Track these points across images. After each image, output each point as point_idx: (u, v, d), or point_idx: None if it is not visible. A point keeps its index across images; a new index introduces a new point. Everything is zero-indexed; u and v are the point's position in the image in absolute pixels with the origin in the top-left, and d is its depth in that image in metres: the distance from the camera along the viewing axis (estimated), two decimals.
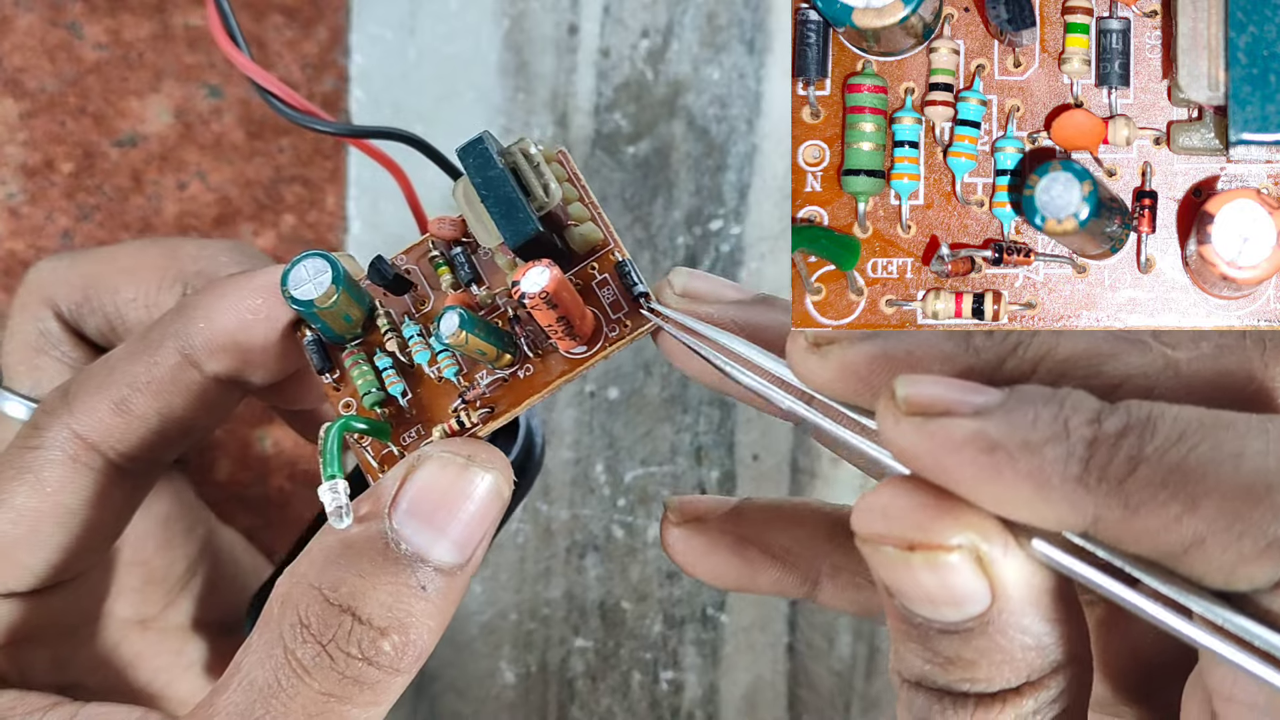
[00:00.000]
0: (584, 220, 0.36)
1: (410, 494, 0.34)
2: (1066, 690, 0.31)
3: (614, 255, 0.36)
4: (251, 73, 0.36)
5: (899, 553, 0.30)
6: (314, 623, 0.33)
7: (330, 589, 0.33)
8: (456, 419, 0.36)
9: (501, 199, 0.34)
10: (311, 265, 0.35)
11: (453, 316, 0.34)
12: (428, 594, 0.33)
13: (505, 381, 0.36)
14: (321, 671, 0.33)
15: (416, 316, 0.37)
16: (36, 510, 0.38)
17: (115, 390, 0.38)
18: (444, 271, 0.37)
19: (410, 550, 0.34)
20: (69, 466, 0.38)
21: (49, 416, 0.38)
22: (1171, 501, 0.28)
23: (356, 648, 0.33)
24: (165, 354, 0.38)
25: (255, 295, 0.37)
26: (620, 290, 0.36)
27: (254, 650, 0.34)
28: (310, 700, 0.33)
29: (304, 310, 0.35)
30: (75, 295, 0.43)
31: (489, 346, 0.35)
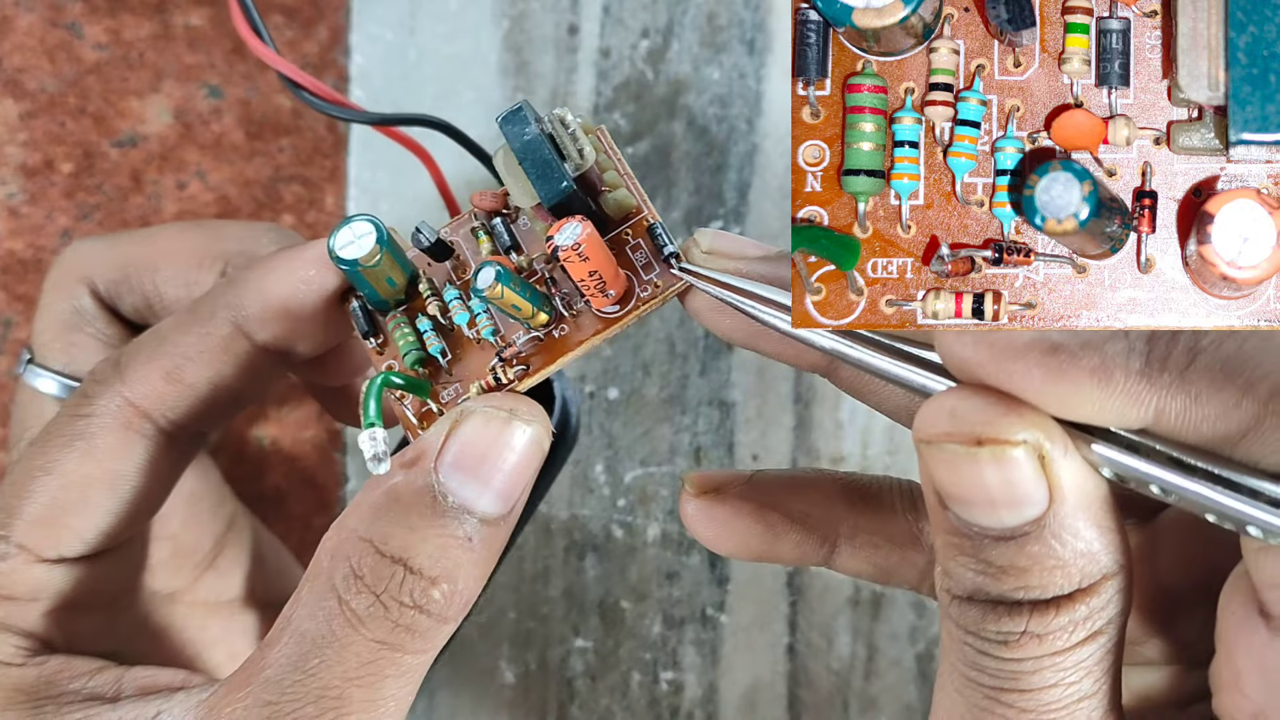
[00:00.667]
0: (618, 187, 0.37)
1: (455, 448, 0.35)
2: (1115, 599, 0.32)
3: (646, 220, 0.37)
4: (279, 65, 0.37)
5: (965, 449, 0.31)
6: (367, 574, 0.34)
7: (381, 541, 0.34)
8: (493, 375, 0.37)
9: (538, 160, 0.35)
10: (357, 227, 0.36)
11: (489, 270, 0.35)
12: (473, 544, 0.35)
13: (541, 340, 0.37)
14: (376, 621, 0.34)
15: (457, 282, 0.38)
16: (88, 476, 0.39)
17: (168, 359, 0.39)
18: (484, 241, 0.38)
19: (456, 502, 0.35)
20: (121, 433, 0.39)
21: (100, 385, 0.39)
22: (1229, 386, 0.30)
23: (409, 597, 0.34)
24: (218, 324, 0.39)
25: (307, 266, 0.38)
26: (652, 252, 0.37)
27: (304, 603, 0.35)
28: (365, 648, 0.34)
29: (349, 270, 0.36)
30: (113, 273, 0.43)
31: (524, 302, 0.36)
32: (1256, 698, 0.32)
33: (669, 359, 0.53)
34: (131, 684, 0.38)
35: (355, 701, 0.34)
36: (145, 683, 0.38)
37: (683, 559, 0.53)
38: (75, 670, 0.38)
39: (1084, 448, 0.32)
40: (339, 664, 0.34)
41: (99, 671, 0.38)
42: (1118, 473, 0.32)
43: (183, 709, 0.36)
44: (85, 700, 0.37)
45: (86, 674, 0.38)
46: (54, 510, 0.39)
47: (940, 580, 0.33)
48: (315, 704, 0.34)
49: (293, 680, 0.34)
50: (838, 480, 0.41)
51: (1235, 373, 0.30)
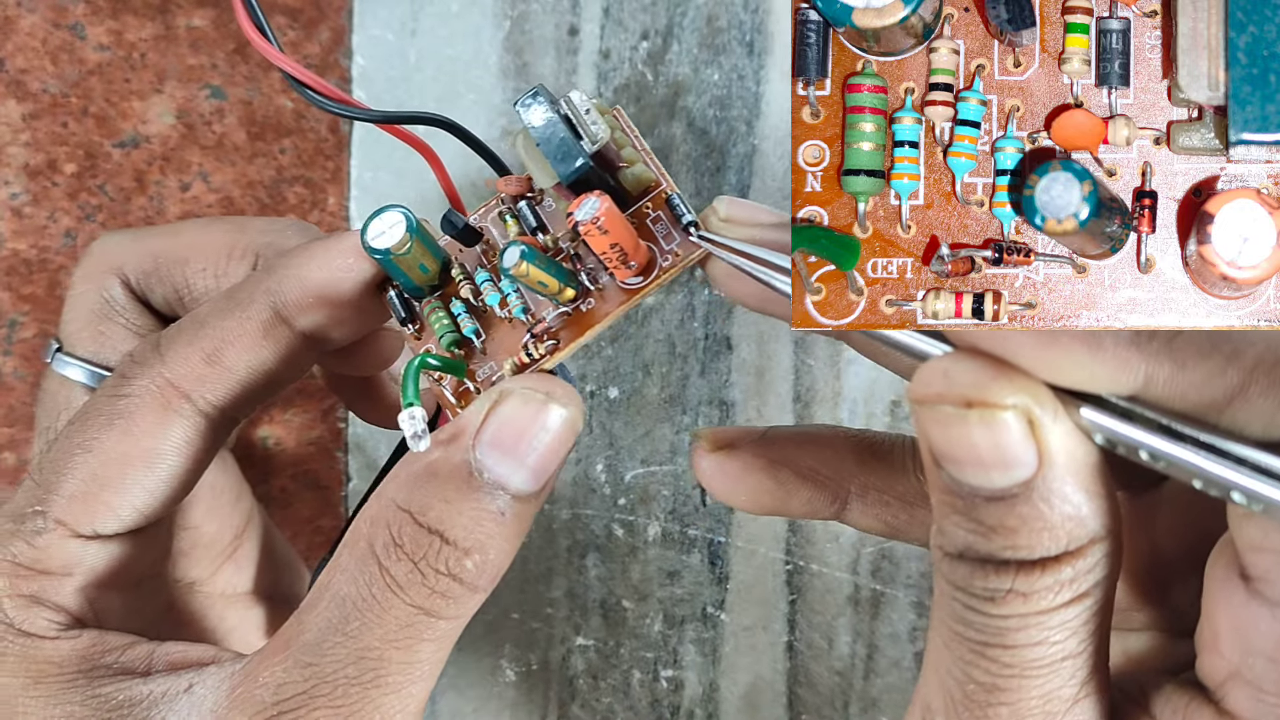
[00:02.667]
0: (635, 162, 0.38)
1: (493, 427, 0.36)
2: (1101, 563, 0.33)
3: (665, 192, 0.39)
4: (283, 64, 0.38)
5: (956, 411, 0.32)
6: (407, 542, 0.35)
7: (420, 512, 0.35)
8: (525, 351, 0.38)
9: (554, 140, 0.37)
10: (388, 217, 0.38)
11: (514, 249, 0.36)
12: (505, 519, 0.36)
13: (569, 315, 0.38)
14: (414, 587, 0.35)
15: (488, 266, 0.39)
16: (126, 454, 0.39)
17: (208, 342, 0.40)
18: (511, 224, 0.39)
19: (491, 478, 0.36)
20: (160, 413, 0.40)
21: (140, 366, 0.40)
22: (1215, 353, 0.31)
23: (444, 565, 0.35)
24: (258, 309, 0.40)
25: (345, 255, 0.39)
26: (671, 222, 0.38)
27: (344, 569, 0.36)
28: (403, 612, 0.35)
29: (382, 258, 0.38)
30: (145, 264, 0.44)
31: (550, 278, 0.37)
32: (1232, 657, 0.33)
33: (669, 359, 0.53)
34: (163, 659, 0.38)
35: (393, 663, 0.35)
36: (176, 658, 0.38)
37: (683, 558, 0.53)
38: (108, 645, 0.39)
39: (1074, 413, 0.32)
40: (379, 626, 0.35)
41: (130, 646, 0.39)
42: (1108, 438, 0.33)
43: (216, 680, 0.37)
44: (117, 674, 0.38)
45: (119, 648, 0.39)
46: (92, 487, 0.39)
47: (934, 537, 0.34)
48: (355, 665, 0.35)
49: (333, 642, 0.35)
50: (849, 437, 0.42)
51: (1221, 341, 0.31)
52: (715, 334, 0.53)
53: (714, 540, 0.53)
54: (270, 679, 0.36)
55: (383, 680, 0.35)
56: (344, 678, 0.35)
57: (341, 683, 0.35)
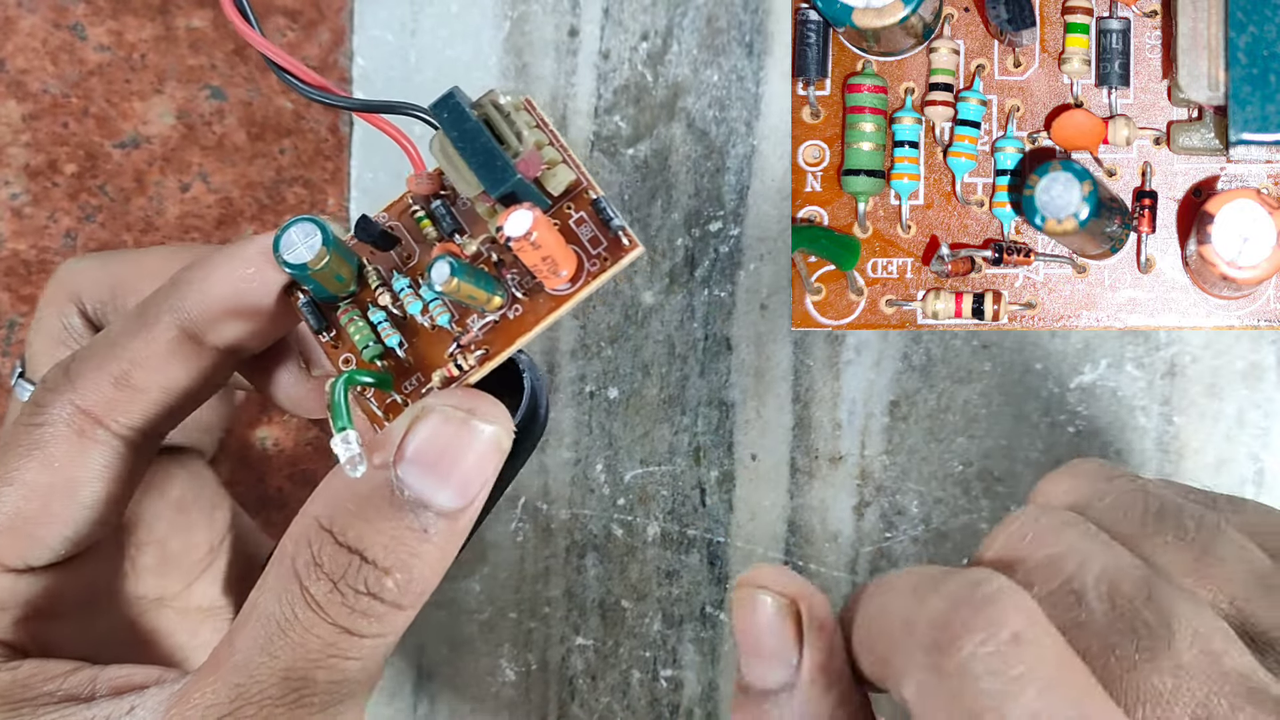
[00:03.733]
0: (556, 164, 0.37)
1: (414, 444, 0.35)
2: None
3: (588, 194, 0.37)
4: (264, 48, 0.37)
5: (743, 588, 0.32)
6: (326, 562, 0.35)
7: (340, 531, 0.35)
8: (454, 363, 0.37)
9: (479, 149, 0.35)
10: (300, 230, 0.36)
11: (443, 265, 0.35)
12: (430, 535, 0.35)
13: (497, 323, 0.37)
14: (334, 606, 0.35)
15: (404, 270, 0.38)
16: (48, 485, 0.39)
17: (116, 365, 0.39)
18: (426, 224, 0.38)
19: (413, 495, 0.35)
20: (75, 441, 0.39)
21: (52, 394, 0.39)
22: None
23: (364, 585, 0.35)
24: (163, 328, 0.39)
25: (247, 264, 0.38)
26: (598, 226, 0.37)
27: (269, 588, 0.35)
28: (325, 631, 0.35)
29: (297, 273, 0.36)
30: (101, 293, 0.44)
31: (479, 291, 0.36)
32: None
33: (668, 360, 0.53)
34: (106, 683, 0.38)
35: (319, 683, 0.35)
36: (120, 682, 0.38)
37: (682, 558, 0.53)
38: (49, 672, 0.38)
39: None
40: (301, 646, 0.35)
41: (73, 672, 0.38)
42: None
43: (156, 701, 0.36)
44: (60, 701, 0.38)
45: (61, 675, 0.38)
46: (16, 521, 0.39)
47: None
48: (279, 684, 0.35)
49: (258, 663, 0.35)
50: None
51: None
52: (715, 334, 0.53)
53: (713, 540, 0.53)
54: (200, 700, 0.35)
55: (308, 700, 0.35)
56: (269, 698, 0.35)
57: (266, 704, 0.35)
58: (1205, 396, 0.49)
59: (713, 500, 0.53)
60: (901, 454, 0.53)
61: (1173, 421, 0.49)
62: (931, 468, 0.51)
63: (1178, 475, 0.50)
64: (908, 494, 0.51)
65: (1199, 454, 0.50)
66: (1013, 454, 0.50)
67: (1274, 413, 0.49)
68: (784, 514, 0.52)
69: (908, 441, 0.51)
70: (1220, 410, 0.49)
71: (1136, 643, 0.30)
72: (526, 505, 0.53)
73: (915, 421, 0.51)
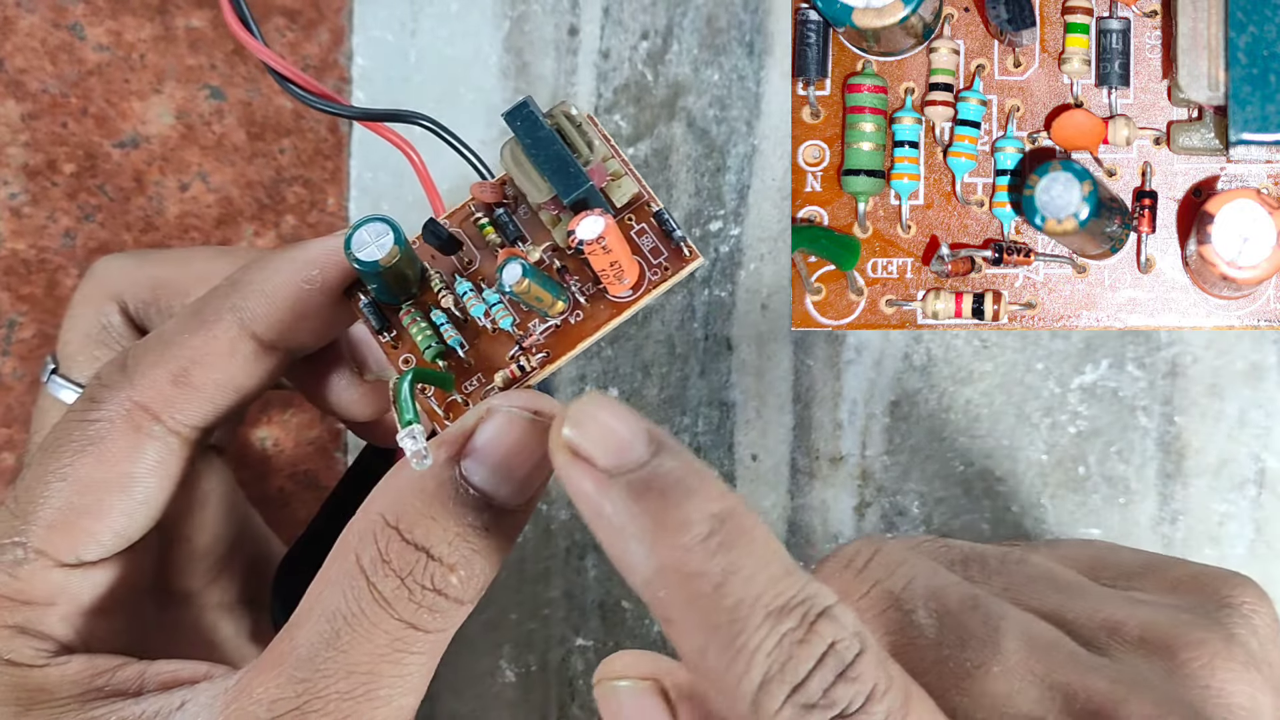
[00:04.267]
0: (621, 176, 0.38)
1: (479, 443, 0.36)
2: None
3: (650, 205, 0.38)
4: (265, 57, 0.37)
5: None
6: (394, 558, 0.35)
7: (406, 529, 0.35)
8: (517, 364, 0.38)
9: (552, 157, 0.36)
10: (373, 229, 0.37)
11: (515, 266, 0.36)
12: (490, 533, 0.36)
13: (558, 328, 0.38)
14: (401, 603, 0.35)
15: (466, 274, 0.39)
16: (102, 480, 0.39)
17: (175, 362, 0.39)
18: (489, 231, 0.39)
19: (477, 494, 0.36)
20: (131, 437, 0.39)
21: (108, 389, 0.40)
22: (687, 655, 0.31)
23: (430, 581, 0.35)
24: (224, 326, 0.39)
25: (310, 266, 0.39)
26: (659, 236, 0.38)
27: (333, 583, 0.36)
28: (391, 627, 0.35)
29: (367, 271, 0.37)
30: (144, 294, 0.44)
31: (546, 294, 0.37)
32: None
33: (669, 360, 0.53)
34: (154, 678, 0.38)
35: (384, 677, 0.36)
36: (168, 677, 0.38)
37: None
38: (98, 668, 0.38)
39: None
40: (368, 641, 0.35)
41: (121, 668, 0.39)
42: None
43: (209, 696, 0.37)
44: (109, 696, 0.38)
45: (109, 671, 0.38)
46: (69, 515, 0.39)
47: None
48: (347, 679, 0.35)
49: (325, 657, 0.35)
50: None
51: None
52: (715, 335, 0.53)
53: None
54: (264, 694, 0.36)
55: (374, 694, 0.36)
56: (336, 692, 0.35)
57: (334, 697, 0.35)
58: (1207, 396, 0.49)
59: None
60: (903, 454, 0.53)
61: (1174, 421, 0.49)
62: (933, 468, 0.51)
63: (1179, 475, 0.50)
64: (909, 494, 0.51)
65: (1200, 454, 0.50)
66: (1014, 454, 0.50)
67: (1276, 413, 0.49)
68: (784, 514, 0.52)
69: (909, 441, 0.51)
70: (1222, 410, 0.49)
71: (967, 652, 0.32)
72: None
73: (916, 421, 0.51)
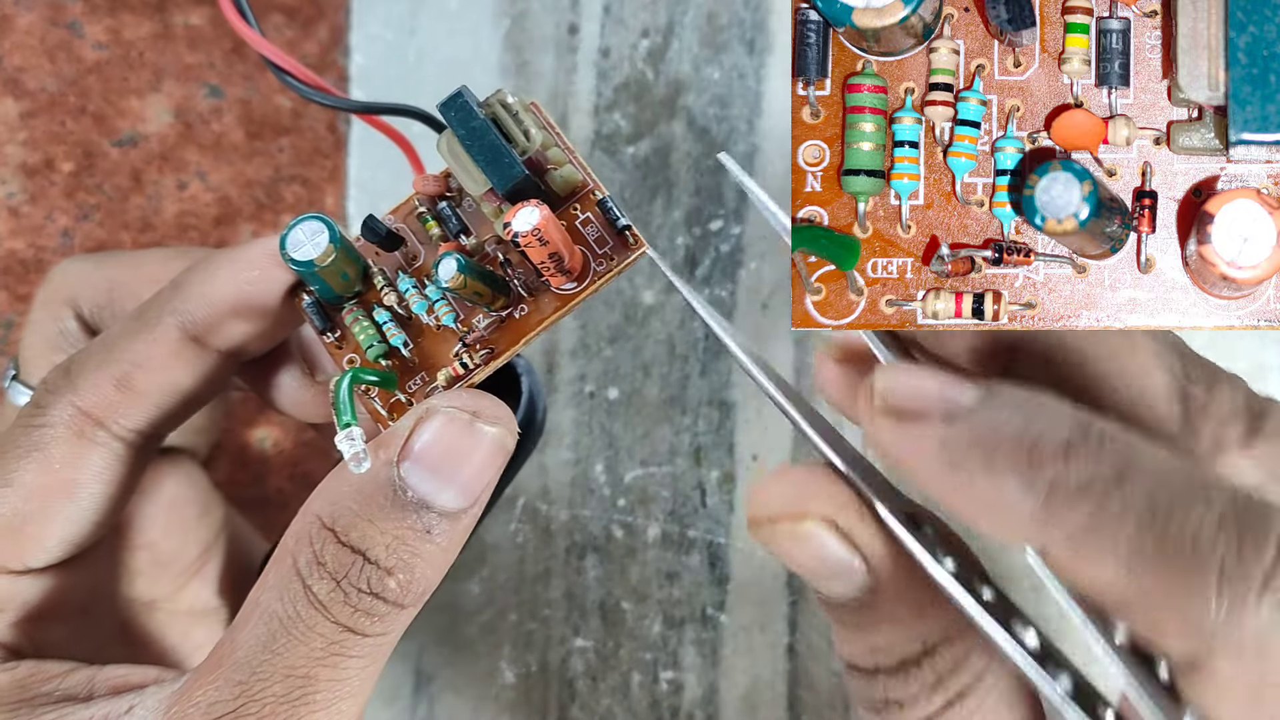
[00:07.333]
0: (563, 164, 0.37)
1: (417, 445, 0.35)
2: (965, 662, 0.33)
3: (594, 194, 0.37)
4: (263, 49, 0.37)
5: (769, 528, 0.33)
6: (329, 561, 0.35)
7: (343, 531, 0.35)
8: (460, 362, 0.37)
9: (486, 147, 0.35)
10: (308, 227, 0.37)
11: (450, 261, 0.35)
12: (432, 536, 0.35)
13: (502, 323, 0.37)
14: (336, 605, 0.35)
15: (410, 270, 0.38)
16: (46, 486, 0.39)
17: (117, 367, 0.39)
18: (431, 225, 0.38)
19: (416, 496, 0.35)
20: (75, 443, 0.39)
21: (52, 395, 0.39)
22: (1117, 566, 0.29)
23: (366, 584, 0.35)
24: (165, 329, 0.39)
25: (251, 265, 0.38)
26: (604, 226, 0.37)
27: (271, 585, 0.36)
28: (328, 629, 0.35)
29: (304, 271, 0.37)
30: (98, 297, 0.44)
31: (485, 289, 0.36)
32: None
33: (669, 360, 0.53)
34: (104, 683, 0.38)
35: (321, 680, 0.35)
36: (118, 681, 0.38)
37: (683, 559, 0.53)
38: (47, 673, 0.38)
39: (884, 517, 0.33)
40: (304, 644, 0.35)
41: (71, 673, 0.38)
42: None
43: (155, 700, 0.37)
44: (58, 701, 0.38)
45: (59, 675, 0.38)
46: (15, 522, 0.39)
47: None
48: (282, 682, 0.35)
49: (261, 660, 0.35)
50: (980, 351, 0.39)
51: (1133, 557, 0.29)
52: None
53: (713, 541, 0.53)
54: (203, 698, 0.35)
55: (310, 698, 0.35)
56: (272, 695, 0.35)
57: (270, 700, 0.35)
58: None
59: (714, 501, 0.53)
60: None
61: None
62: None
63: None
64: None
65: None
66: None
67: None
68: None
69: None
70: None
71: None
72: (526, 506, 0.53)
73: None
